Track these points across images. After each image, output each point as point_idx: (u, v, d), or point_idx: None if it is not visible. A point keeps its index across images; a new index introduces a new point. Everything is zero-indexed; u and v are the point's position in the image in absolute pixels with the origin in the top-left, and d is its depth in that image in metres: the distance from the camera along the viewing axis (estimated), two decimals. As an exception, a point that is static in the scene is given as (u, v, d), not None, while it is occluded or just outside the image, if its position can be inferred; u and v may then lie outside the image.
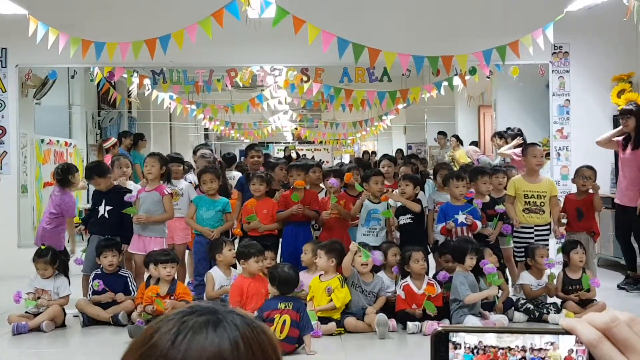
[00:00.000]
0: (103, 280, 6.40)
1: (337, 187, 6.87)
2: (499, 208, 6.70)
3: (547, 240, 6.95)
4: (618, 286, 7.52)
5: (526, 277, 6.50)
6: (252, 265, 6.00)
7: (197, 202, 6.93)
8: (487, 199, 6.88)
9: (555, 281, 6.45)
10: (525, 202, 6.90)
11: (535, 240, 6.81)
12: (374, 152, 17.21)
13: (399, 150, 15.31)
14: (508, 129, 10.37)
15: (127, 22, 8.86)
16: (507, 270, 6.92)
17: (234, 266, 6.60)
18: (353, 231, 6.98)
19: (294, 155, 17.22)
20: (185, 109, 11.98)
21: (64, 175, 7.00)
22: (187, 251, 7.41)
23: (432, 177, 8.30)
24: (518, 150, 8.46)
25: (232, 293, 5.94)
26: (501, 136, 10.38)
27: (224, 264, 6.40)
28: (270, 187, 7.21)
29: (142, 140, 11.47)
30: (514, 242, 6.93)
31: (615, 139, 7.63)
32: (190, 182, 7.78)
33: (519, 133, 9.91)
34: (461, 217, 6.50)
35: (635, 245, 7.53)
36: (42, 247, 6.45)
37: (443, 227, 6.52)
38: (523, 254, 6.79)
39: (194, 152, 8.88)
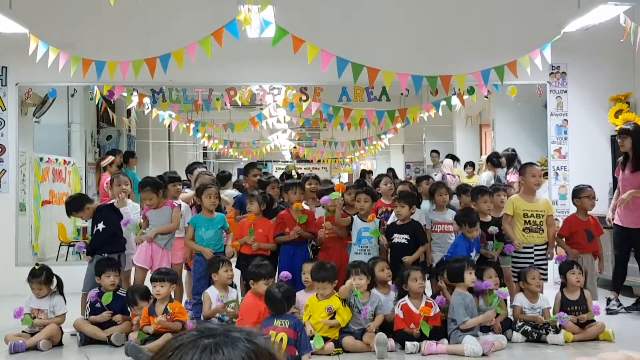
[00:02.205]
0: (101, 300, 6.38)
1: (329, 204, 6.87)
2: (492, 230, 6.67)
3: (546, 260, 6.95)
4: (607, 311, 7.37)
5: (519, 299, 6.45)
6: (261, 287, 5.98)
7: (194, 222, 6.92)
8: (489, 218, 6.87)
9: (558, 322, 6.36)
10: (525, 221, 6.89)
11: (535, 260, 6.80)
12: (370, 171, 17.22)
13: (390, 169, 15.33)
14: (495, 153, 10.39)
15: (127, 41, 8.90)
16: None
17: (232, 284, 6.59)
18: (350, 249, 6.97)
19: (294, 174, 17.20)
20: (188, 128, 12.02)
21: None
22: (184, 271, 7.39)
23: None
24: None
25: (246, 313, 5.92)
26: (489, 160, 10.40)
27: (220, 284, 6.39)
28: (271, 207, 7.22)
29: (132, 158, 11.46)
30: (513, 262, 6.89)
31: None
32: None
33: (514, 153, 9.95)
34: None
35: (635, 265, 7.49)
36: (37, 266, 6.43)
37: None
38: None
39: (188, 171, 8.78)
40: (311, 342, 5.53)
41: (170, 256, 6.90)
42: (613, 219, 7.47)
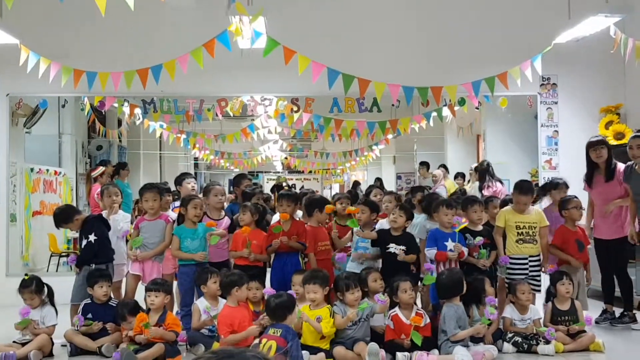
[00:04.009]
0: (92, 311, 6.37)
1: (344, 261, 6.87)
2: (477, 240, 6.67)
3: (540, 271, 6.94)
4: (596, 322, 7.35)
5: (509, 311, 6.46)
6: (244, 292, 6.05)
7: (178, 233, 6.89)
8: (480, 228, 6.87)
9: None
10: (518, 232, 6.87)
11: (530, 271, 6.80)
12: (357, 182, 17.20)
13: (378, 179, 15.34)
14: (484, 163, 10.46)
15: (119, 52, 8.90)
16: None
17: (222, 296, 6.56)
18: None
19: (285, 186, 17.18)
20: (178, 139, 12.00)
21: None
22: (174, 281, 7.36)
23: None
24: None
25: (221, 324, 5.90)
26: (476, 170, 10.50)
27: (209, 295, 6.38)
28: (264, 217, 7.21)
29: (124, 169, 11.41)
30: (508, 273, 6.87)
31: None
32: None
33: (486, 167, 9.97)
34: (450, 245, 6.51)
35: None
36: (26, 276, 6.42)
37: (442, 254, 6.48)
38: None
39: (177, 182, 8.68)
40: (303, 352, 5.52)
41: (160, 267, 6.91)
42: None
